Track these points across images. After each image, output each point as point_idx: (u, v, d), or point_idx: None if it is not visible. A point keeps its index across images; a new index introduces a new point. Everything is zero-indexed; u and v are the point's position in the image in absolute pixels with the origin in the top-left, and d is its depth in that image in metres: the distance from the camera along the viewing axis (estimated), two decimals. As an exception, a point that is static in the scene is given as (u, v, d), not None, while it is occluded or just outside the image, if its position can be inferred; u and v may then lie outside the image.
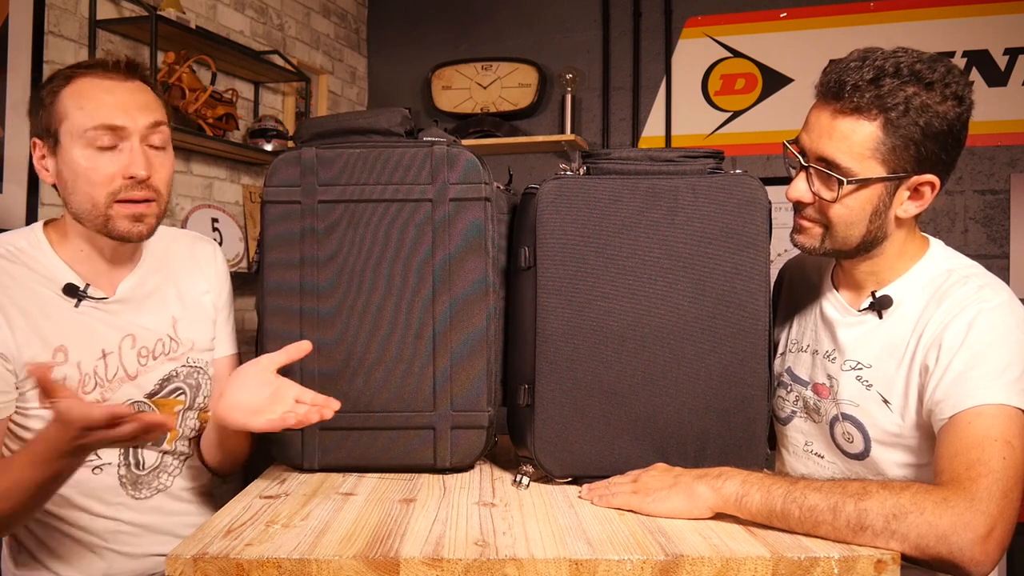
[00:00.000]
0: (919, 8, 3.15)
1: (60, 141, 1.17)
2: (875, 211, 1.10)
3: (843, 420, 1.17)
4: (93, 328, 1.21)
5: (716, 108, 3.36)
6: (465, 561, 0.87)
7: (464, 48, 3.60)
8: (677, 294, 1.14)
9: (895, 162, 1.06)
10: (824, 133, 1.08)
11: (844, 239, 1.13)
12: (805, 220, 1.15)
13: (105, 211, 1.17)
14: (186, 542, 0.90)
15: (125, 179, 1.17)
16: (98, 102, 1.16)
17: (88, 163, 1.16)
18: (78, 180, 1.17)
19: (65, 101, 1.17)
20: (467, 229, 1.20)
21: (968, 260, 1.16)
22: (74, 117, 1.16)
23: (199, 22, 2.58)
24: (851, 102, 1.05)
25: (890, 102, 1.04)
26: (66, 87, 1.17)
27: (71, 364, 1.18)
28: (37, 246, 1.21)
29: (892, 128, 1.05)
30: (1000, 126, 3.07)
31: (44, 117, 1.18)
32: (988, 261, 2.94)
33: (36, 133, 1.20)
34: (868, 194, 1.09)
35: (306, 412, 1.08)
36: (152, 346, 1.28)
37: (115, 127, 1.16)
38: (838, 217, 1.11)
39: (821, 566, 0.88)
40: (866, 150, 1.06)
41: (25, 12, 2.02)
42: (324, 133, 1.23)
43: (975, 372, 1.02)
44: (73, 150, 1.16)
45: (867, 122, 1.05)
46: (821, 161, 1.09)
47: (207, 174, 2.70)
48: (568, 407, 1.15)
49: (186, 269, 1.36)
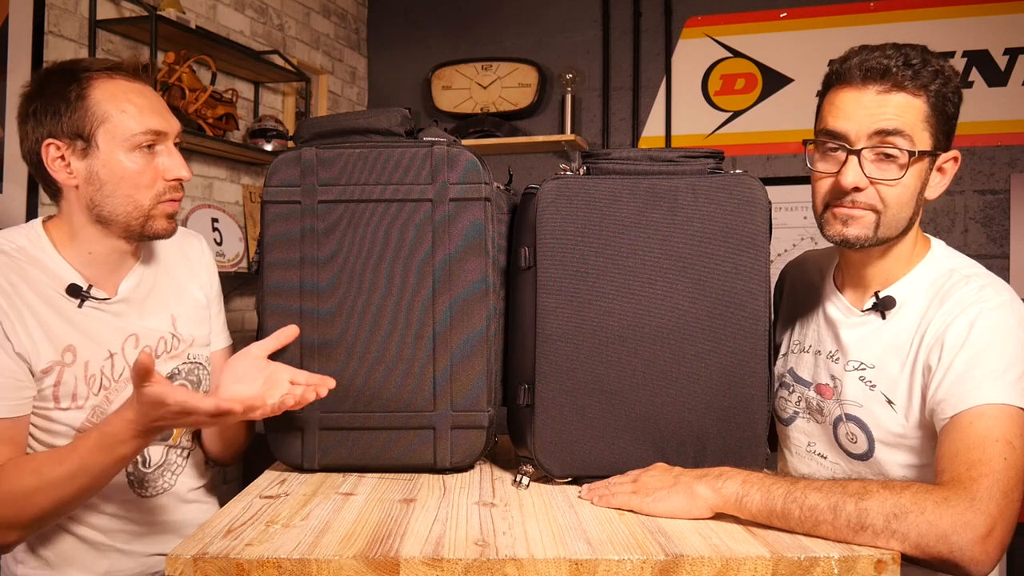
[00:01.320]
0: (919, 8, 3.15)
1: (98, 144, 1.17)
2: (920, 190, 1.12)
3: (847, 421, 1.17)
4: (98, 328, 1.22)
5: (716, 108, 3.36)
6: (465, 561, 0.87)
7: (464, 48, 3.60)
8: (677, 294, 1.14)
9: (938, 137, 1.11)
10: (877, 110, 1.09)
11: (896, 223, 1.12)
12: (856, 208, 1.11)
13: (148, 212, 1.21)
14: (186, 542, 0.90)
15: (168, 181, 1.22)
16: (138, 106, 1.18)
17: (136, 166, 1.19)
18: (122, 183, 1.18)
19: (101, 103, 1.16)
20: (467, 229, 1.20)
21: (970, 260, 1.17)
22: (117, 120, 1.17)
23: (199, 22, 2.58)
24: (896, 79, 1.08)
25: (927, 80, 1.08)
26: (93, 88, 1.17)
27: (79, 363, 1.19)
28: (39, 245, 1.21)
29: (934, 103, 1.09)
30: (1000, 126, 3.07)
31: (72, 118, 1.16)
32: (988, 261, 2.94)
33: (52, 134, 1.17)
34: (919, 170, 1.11)
35: (303, 392, 1.11)
36: (155, 345, 1.29)
37: (159, 132, 1.20)
38: (895, 198, 1.10)
39: (821, 566, 0.88)
40: (920, 122, 1.09)
41: (25, 12, 2.03)
42: (324, 133, 1.23)
43: (976, 372, 1.02)
44: (117, 153, 1.17)
45: (914, 98, 1.09)
46: (881, 136, 1.08)
47: (207, 174, 2.70)
48: (568, 407, 1.15)
49: (179, 266, 1.38)
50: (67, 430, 1.18)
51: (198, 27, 2.45)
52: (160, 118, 1.21)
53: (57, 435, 1.18)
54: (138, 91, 1.20)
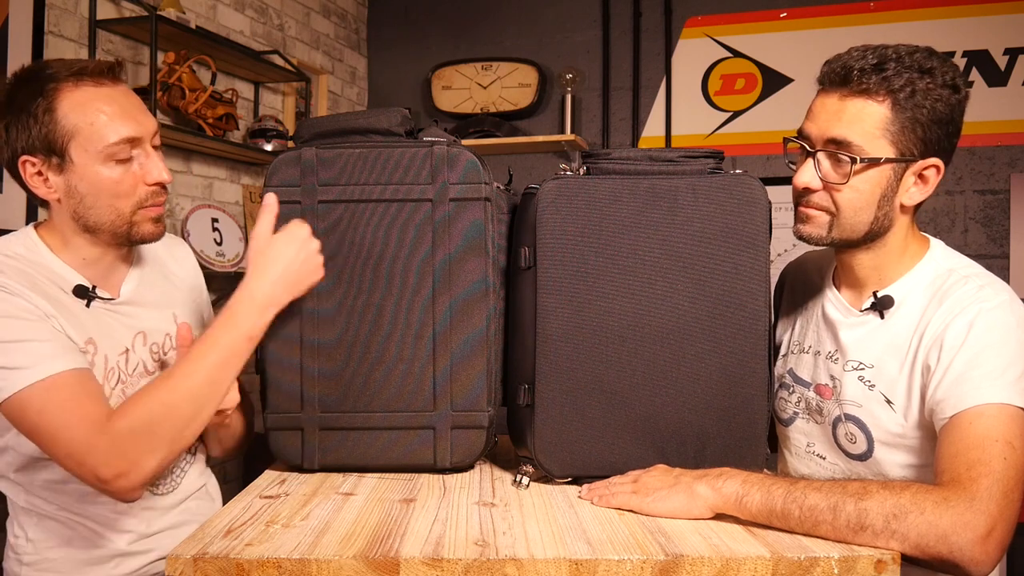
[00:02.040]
0: (919, 8, 3.15)
1: (72, 158, 1.15)
2: (883, 196, 1.10)
3: (846, 421, 1.17)
4: (110, 325, 1.23)
5: (716, 108, 3.36)
6: (465, 561, 0.87)
7: (464, 48, 3.60)
8: (677, 294, 1.14)
9: (903, 144, 1.08)
10: (833, 115, 1.09)
11: (851, 227, 1.12)
12: (811, 208, 1.14)
13: (130, 219, 1.20)
14: (186, 542, 0.90)
15: (149, 186, 1.20)
16: (108, 115, 1.15)
17: (113, 177, 1.16)
18: (101, 194, 1.17)
19: (69, 116, 1.13)
20: (467, 229, 1.20)
21: (969, 260, 1.16)
22: (87, 133, 1.14)
23: (199, 22, 2.58)
24: (859, 85, 1.07)
25: (896, 84, 1.06)
26: (60, 99, 1.13)
27: (100, 355, 1.20)
28: (36, 251, 1.20)
29: (900, 109, 1.06)
30: (1000, 126, 3.07)
31: (42, 133, 1.13)
32: (988, 261, 2.94)
33: (26, 150, 1.15)
34: (877, 176, 1.09)
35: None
36: (162, 342, 1.31)
37: (133, 138, 1.17)
38: (847, 202, 1.10)
39: (821, 566, 0.88)
40: (876, 130, 1.07)
41: (25, 12, 2.03)
42: (324, 133, 1.23)
43: (976, 372, 1.02)
44: (93, 166, 1.15)
45: (876, 103, 1.07)
46: (831, 143, 1.09)
47: (207, 174, 2.70)
48: (568, 407, 1.15)
49: (171, 268, 1.40)
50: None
51: (198, 27, 2.45)
52: (133, 123, 1.17)
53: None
54: (106, 97, 1.16)
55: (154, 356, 1.29)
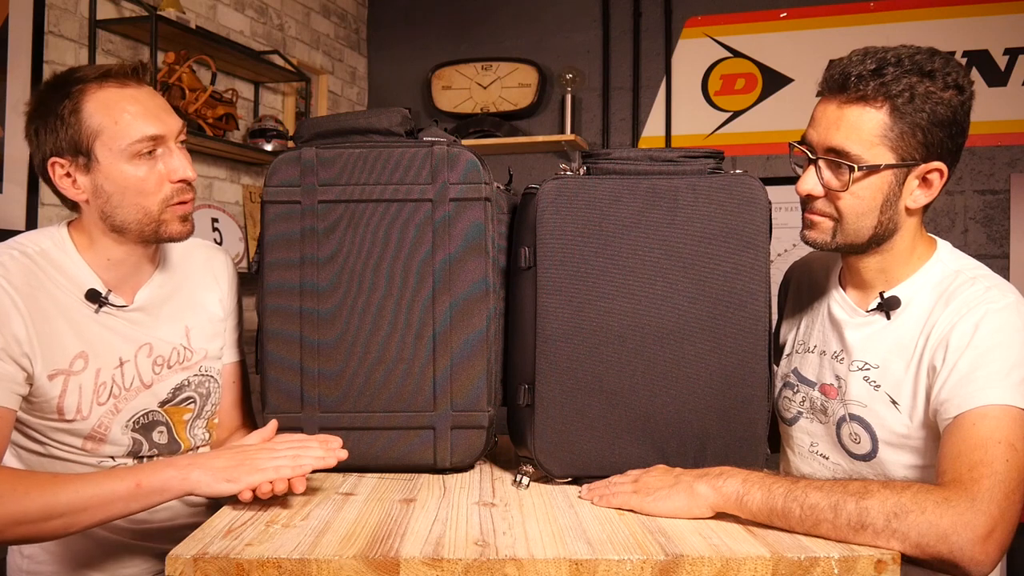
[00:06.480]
0: (919, 8, 3.15)
1: (97, 157, 1.15)
2: (886, 201, 1.10)
3: (850, 421, 1.17)
4: (112, 336, 1.22)
5: (716, 108, 3.36)
6: (465, 561, 0.87)
7: (464, 48, 3.60)
8: (677, 294, 1.14)
9: (904, 149, 1.07)
10: (832, 124, 1.09)
11: (855, 232, 1.12)
12: (815, 215, 1.14)
13: (158, 217, 1.19)
14: (186, 542, 0.90)
15: (174, 183, 1.20)
16: (132, 114, 1.16)
17: (138, 175, 1.17)
18: (127, 193, 1.17)
19: (94, 116, 1.15)
20: (467, 229, 1.20)
21: (976, 262, 1.16)
22: (111, 132, 1.15)
23: (199, 22, 2.58)
24: (857, 91, 1.06)
25: (895, 89, 1.05)
26: (85, 101, 1.15)
27: (90, 370, 1.18)
28: (62, 248, 1.20)
29: (899, 115, 1.06)
30: (1000, 126, 3.07)
31: (68, 135, 1.15)
32: (988, 261, 2.92)
33: (55, 152, 1.17)
34: (878, 182, 1.09)
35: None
36: (167, 355, 1.28)
37: (156, 136, 1.17)
38: (849, 208, 1.10)
39: (821, 566, 0.88)
40: (875, 136, 1.07)
41: (25, 12, 2.02)
42: (324, 133, 1.23)
43: (981, 373, 1.02)
44: (118, 165, 1.16)
45: (874, 110, 1.06)
46: (831, 152, 1.09)
47: (207, 174, 2.70)
48: (568, 407, 1.15)
49: (200, 278, 1.37)
50: (64, 446, 1.18)
51: (198, 27, 2.45)
52: (157, 121, 1.18)
53: (52, 448, 1.18)
54: (131, 97, 1.17)
55: (156, 370, 1.26)
